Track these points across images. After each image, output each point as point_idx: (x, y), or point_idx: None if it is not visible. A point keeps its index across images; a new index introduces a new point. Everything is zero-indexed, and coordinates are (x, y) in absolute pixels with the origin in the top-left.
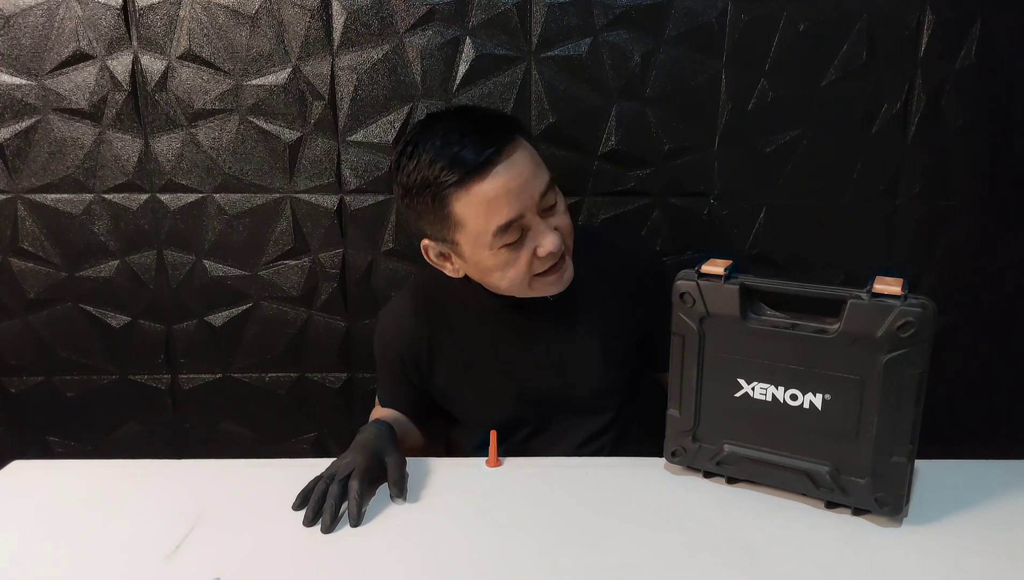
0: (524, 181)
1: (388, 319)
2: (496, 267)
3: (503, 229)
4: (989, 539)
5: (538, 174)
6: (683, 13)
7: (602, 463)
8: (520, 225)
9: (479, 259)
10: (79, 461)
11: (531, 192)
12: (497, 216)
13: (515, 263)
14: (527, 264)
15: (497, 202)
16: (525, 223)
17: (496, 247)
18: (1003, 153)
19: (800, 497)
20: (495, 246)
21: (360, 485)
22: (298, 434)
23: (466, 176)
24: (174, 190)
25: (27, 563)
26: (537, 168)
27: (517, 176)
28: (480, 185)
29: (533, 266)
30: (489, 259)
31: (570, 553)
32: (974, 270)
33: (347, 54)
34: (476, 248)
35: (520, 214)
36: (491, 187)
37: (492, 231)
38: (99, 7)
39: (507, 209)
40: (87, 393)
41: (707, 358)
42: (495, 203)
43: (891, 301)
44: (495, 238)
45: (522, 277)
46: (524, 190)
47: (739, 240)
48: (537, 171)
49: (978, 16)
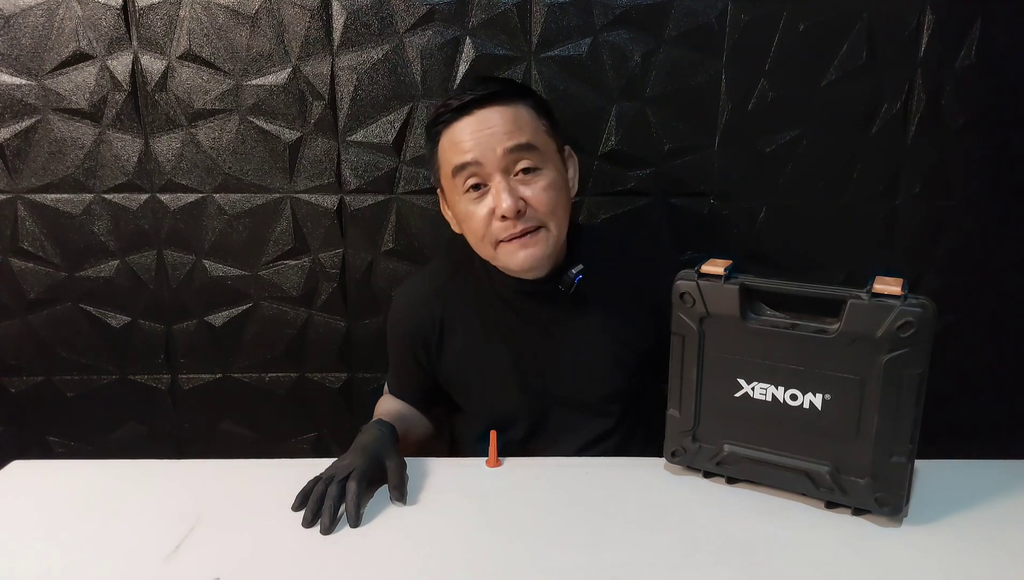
0: (491, 132)
1: (402, 297)
2: (463, 217)
3: (460, 169)
4: (989, 539)
5: (511, 133)
6: (683, 13)
7: (602, 463)
8: (479, 173)
9: (453, 202)
10: (79, 461)
11: (495, 144)
12: (458, 155)
13: (475, 216)
14: (486, 220)
15: (461, 143)
16: (485, 173)
17: (461, 190)
18: (1003, 153)
19: (800, 497)
20: (459, 189)
21: (358, 487)
22: (298, 434)
23: (449, 117)
24: (174, 190)
25: (27, 563)
26: (514, 127)
27: (485, 125)
28: (454, 124)
29: (493, 227)
30: (458, 205)
31: (570, 553)
32: (974, 270)
33: (347, 54)
34: (449, 189)
35: (477, 161)
36: (460, 127)
37: (452, 168)
38: (99, 7)
39: (467, 152)
40: (87, 393)
41: (707, 358)
42: (460, 144)
43: (891, 301)
44: (455, 177)
45: (482, 232)
46: (489, 140)
47: (739, 240)
48: (511, 130)
49: (978, 16)
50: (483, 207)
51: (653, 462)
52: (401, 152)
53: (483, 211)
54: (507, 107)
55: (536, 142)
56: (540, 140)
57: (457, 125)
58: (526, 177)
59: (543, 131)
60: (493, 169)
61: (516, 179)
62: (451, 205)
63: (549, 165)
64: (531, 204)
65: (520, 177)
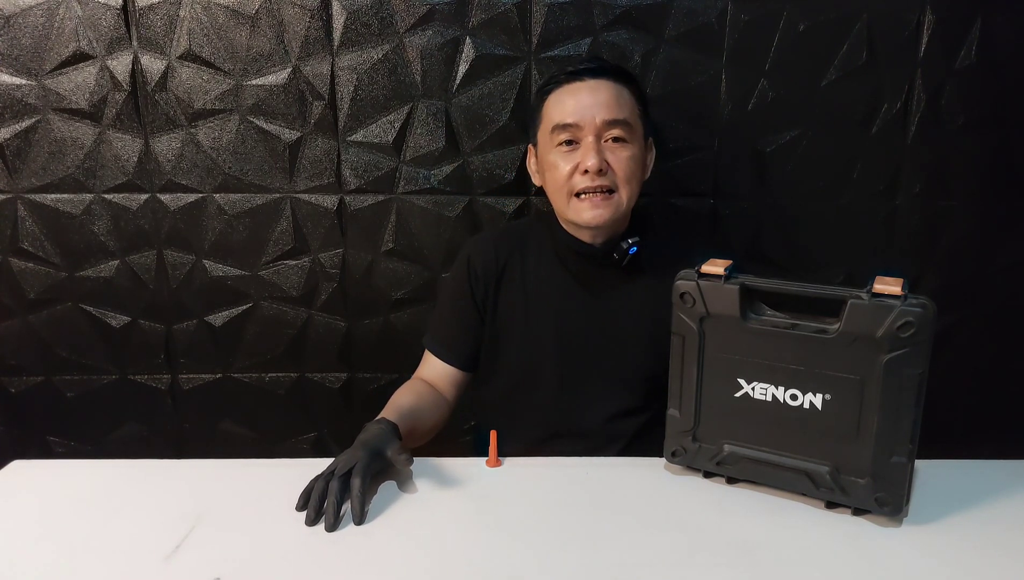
0: (594, 102)
1: (474, 240)
2: (549, 166)
3: (560, 127)
4: (989, 539)
5: (611, 107)
6: (683, 13)
7: (602, 463)
8: (574, 133)
9: (543, 153)
10: (79, 461)
11: (595, 113)
12: (561, 115)
13: (561, 167)
14: (570, 172)
15: (564, 106)
16: (580, 135)
17: (554, 144)
18: (1003, 153)
19: (800, 497)
20: (553, 143)
21: (362, 482)
22: (298, 434)
23: (559, 81)
24: (174, 190)
25: (27, 563)
26: (615, 103)
27: (590, 95)
28: (565, 87)
29: (574, 179)
30: (548, 154)
31: (570, 553)
32: (974, 270)
33: (347, 54)
34: (544, 143)
35: (577, 124)
36: (567, 92)
37: (552, 126)
38: (99, 7)
39: (568, 113)
40: (87, 393)
41: (707, 358)
42: (564, 105)
43: (891, 301)
44: (553, 134)
45: (563, 182)
46: (590, 108)
47: (739, 240)
48: (612, 104)
49: (978, 16)
50: (570, 161)
51: (653, 462)
52: (401, 152)
53: (569, 165)
54: (613, 84)
55: (630, 120)
56: (633, 120)
57: (567, 88)
58: (614, 145)
59: (637, 114)
60: (588, 132)
61: (605, 145)
62: (541, 156)
63: (636, 142)
64: (613, 167)
65: (609, 144)
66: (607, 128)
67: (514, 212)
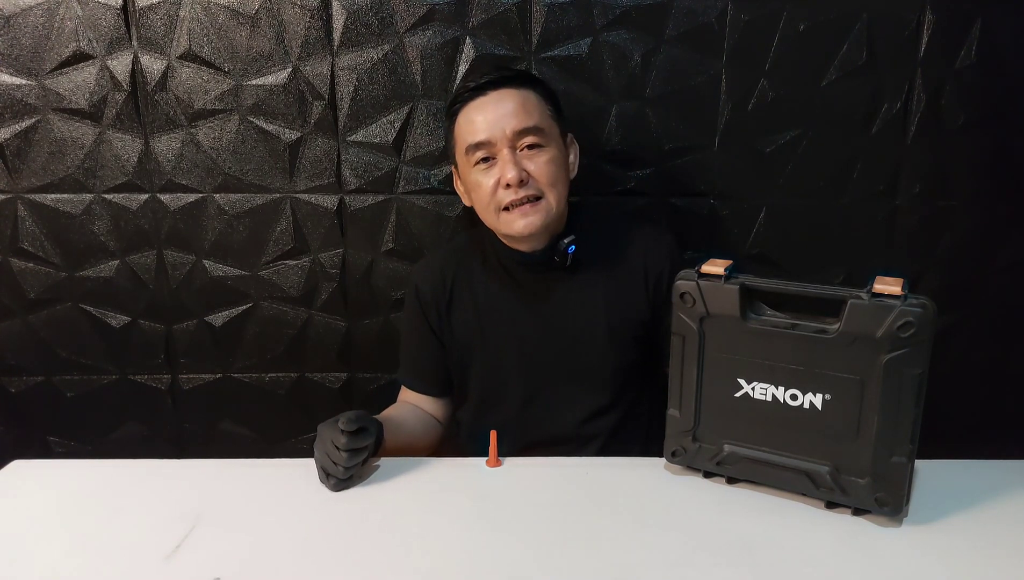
0: (502, 114)
1: (418, 266)
2: (473, 186)
3: (474, 147)
4: (989, 539)
5: (520, 115)
6: (683, 13)
7: (602, 463)
8: (489, 150)
9: (465, 174)
10: (79, 461)
11: (504, 125)
12: (471, 135)
13: (483, 185)
14: (493, 188)
15: (474, 124)
16: (494, 150)
17: (472, 163)
18: (1003, 153)
19: (800, 497)
20: (471, 162)
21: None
22: (298, 434)
23: (463, 99)
24: (174, 190)
25: (27, 563)
26: (523, 111)
27: (496, 108)
28: (468, 106)
29: (498, 195)
30: (469, 175)
31: (570, 553)
32: (974, 270)
33: (347, 54)
34: (463, 164)
35: (488, 140)
36: (474, 109)
37: (465, 146)
38: (99, 7)
39: (480, 131)
40: (87, 393)
41: (707, 358)
42: (473, 124)
43: (891, 301)
44: (467, 155)
45: (488, 200)
46: (499, 121)
47: (739, 240)
48: (520, 113)
49: (978, 16)
50: (491, 177)
51: (653, 462)
52: (401, 152)
53: (491, 181)
54: (517, 91)
55: (541, 124)
56: (545, 123)
57: (472, 104)
58: (530, 152)
59: (548, 116)
60: (502, 145)
61: (521, 154)
62: (463, 177)
63: (552, 145)
64: (533, 175)
65: (525, 152)
66: (519, 137)
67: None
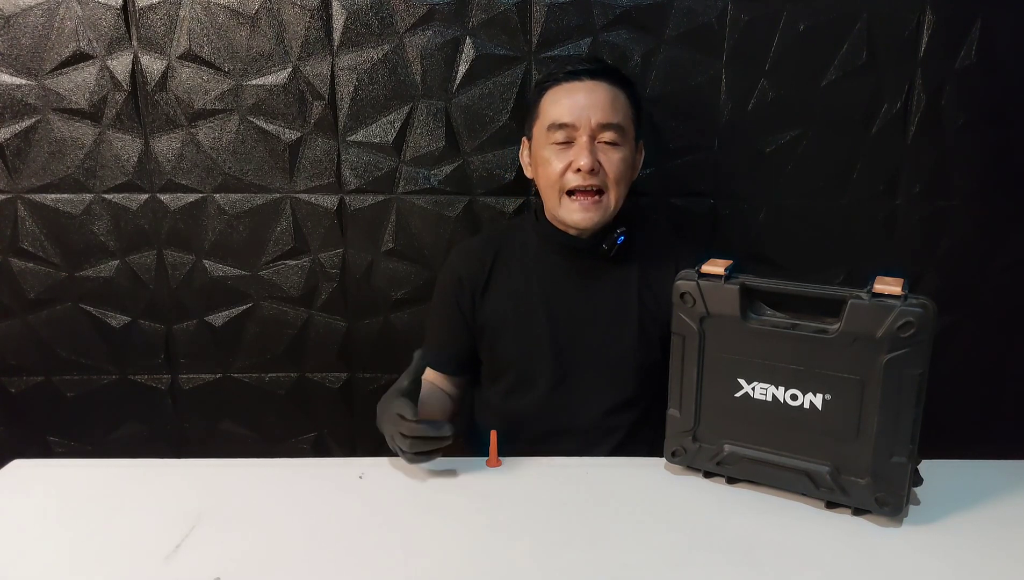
0: (590, 103)
1: (458, 248)
2: (543, 162)
3: (555, 126)
4: (989, 539)
5: (606, 109)
6: (683, 13)
7: (602, 463)
8: (569, 133)
9: (537, 148)
10: (79, 461)
11: (590, 114)
12: (556, 114)
13: (553, 163)
14: (562, 169)
15: (561, 105)
16: (575, 134)
17: (549, 141)
18: (1003, 153)
19: (800, 497)
20: (548, 140)
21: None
22: (298, 434)
23: (557, 79)
24: (174, 190)
25: (27, 563)
26: (610, 107)
27: (587, 96)
28: (560, 86)
29: (567, 177)
30: (541, 150)
31: (570, 553)
32: (974, 270)
33: (347, 54)
34: (539, 138)
35: (572, 124)
36: (565, 91)
37: (548, 123)
38: (99, 7)
39: (565, 113)
40: (87, 393)
41: (707, 358)
42: (560, 105)
43: (891, 301)
44: (548, 132)
45: (555, 179)
46: (586, 109)
47: (739, 240)
48: (607, 107)
49: (978, 16)
50: (563, 160)
51: (653, 462)
52: (401, 152)
53: (562, 163)
54: (610, 87)
55: (624, 124)
56: (627, 124)
57: (565, 86)
58: (606, 147)
59: (631, 118)
60: (583, 132)
61: (598, 146)
62: (534, 150)
63: (627, 145)
64: (604, 168)
65: (601, 145)
66: (601, 130)
67: (514, 212)
